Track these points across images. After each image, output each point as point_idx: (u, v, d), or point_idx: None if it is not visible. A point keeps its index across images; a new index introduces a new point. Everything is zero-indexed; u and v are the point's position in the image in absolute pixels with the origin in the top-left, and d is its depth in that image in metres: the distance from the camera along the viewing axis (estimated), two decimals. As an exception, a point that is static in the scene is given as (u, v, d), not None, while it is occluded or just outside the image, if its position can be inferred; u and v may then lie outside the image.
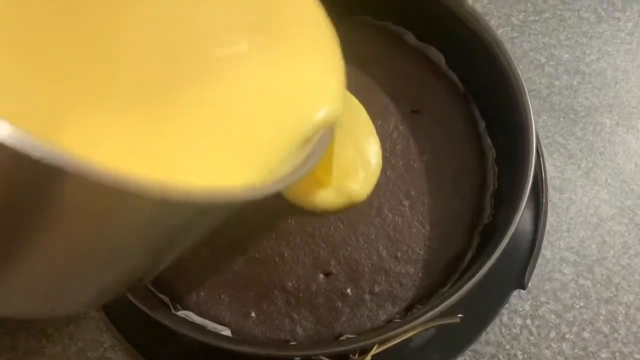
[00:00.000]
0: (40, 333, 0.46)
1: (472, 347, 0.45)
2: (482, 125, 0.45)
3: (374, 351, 0.36)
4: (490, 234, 0.39)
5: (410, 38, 0.47)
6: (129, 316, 0.44)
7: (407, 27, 0.47)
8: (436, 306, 0.35)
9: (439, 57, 0.46)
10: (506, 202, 0.40)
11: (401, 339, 0.37)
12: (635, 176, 0.51)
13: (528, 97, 0.39)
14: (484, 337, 0.45)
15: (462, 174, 0.44)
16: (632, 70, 0.56)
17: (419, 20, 0.46)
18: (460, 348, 0.44)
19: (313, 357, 0.36)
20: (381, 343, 0.36)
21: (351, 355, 0.36)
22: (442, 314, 0.37)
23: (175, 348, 0.43)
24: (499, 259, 0.46)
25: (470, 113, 0.45)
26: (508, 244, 0.46)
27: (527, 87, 0.55)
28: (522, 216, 0.46)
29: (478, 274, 0.36)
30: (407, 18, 0.47)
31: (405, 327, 0.34)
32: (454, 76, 0.46)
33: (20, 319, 0.25)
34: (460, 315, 0.38)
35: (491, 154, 0.44)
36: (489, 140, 0.44)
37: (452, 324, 0.38)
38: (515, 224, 0.37)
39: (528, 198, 0.47)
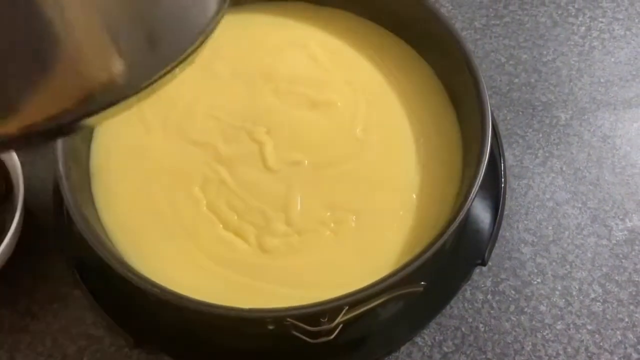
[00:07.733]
0: (25, 311, 0.47)
1: (437, 320, 0.48)
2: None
3: (342, 316, 0.39)
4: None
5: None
6: (111, 293, 0.46)
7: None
8: (397, 272, 0.38)
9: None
10: (466, 183, 0.43)
11: (369, 305, 0.39)
12: (587, 164, 0.54)
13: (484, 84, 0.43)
14: (448, 311, 0.48)
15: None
16: (585, 69, 0.60)
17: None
18: (426, 321, 0.47)
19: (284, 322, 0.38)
20: (350, 307, 0.38)
21: (321, 320, 0.39)
22: (406, 284, 0.40)
23: (156, 324, 0.45)
24: (461, 238, 0.49)
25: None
26: (470, 225, 0.50)
27: (488, 84, 0.59)
28: (483, 200, 0.50)
29: (433, 247, 0.38)
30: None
31: (371, 291, 0.37)
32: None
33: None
34: (422, 283, 0.41)
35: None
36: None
37: (415, 291, 0.41)
38: (468, 206, 0.39)
39: (489, 184, 0.51)
